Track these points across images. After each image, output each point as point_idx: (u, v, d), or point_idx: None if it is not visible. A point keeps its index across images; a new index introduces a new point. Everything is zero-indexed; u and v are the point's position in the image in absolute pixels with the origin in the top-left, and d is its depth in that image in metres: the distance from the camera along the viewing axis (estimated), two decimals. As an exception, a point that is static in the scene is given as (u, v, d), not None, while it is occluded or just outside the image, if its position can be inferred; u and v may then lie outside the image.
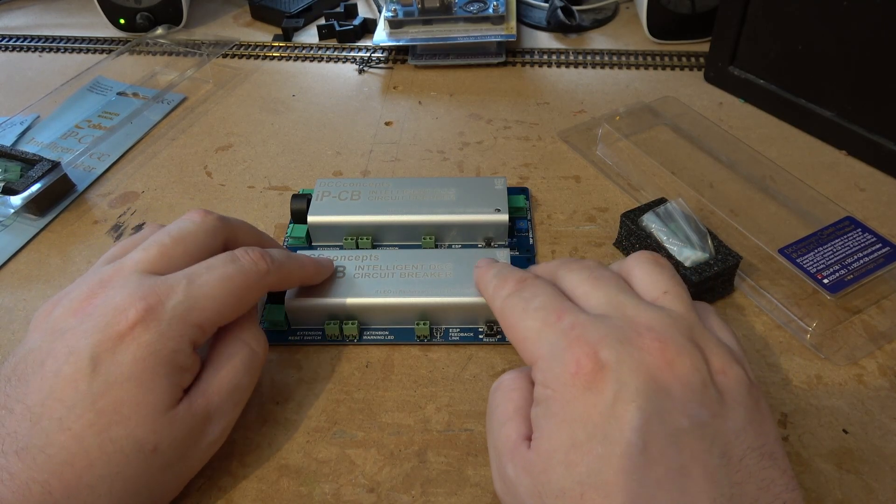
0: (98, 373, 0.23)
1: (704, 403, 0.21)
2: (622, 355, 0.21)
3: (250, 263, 0.27)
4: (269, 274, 0.27)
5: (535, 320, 0.24)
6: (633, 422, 0.20)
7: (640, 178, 0.41)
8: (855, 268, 0.33)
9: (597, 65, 0.55)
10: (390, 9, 0.55)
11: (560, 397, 0.21)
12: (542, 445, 0.21)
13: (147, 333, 0.23)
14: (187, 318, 0.24)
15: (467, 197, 0.37)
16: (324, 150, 0.46)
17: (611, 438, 0.20)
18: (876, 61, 0.39)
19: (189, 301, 0.24)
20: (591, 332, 0.22)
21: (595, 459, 0.20)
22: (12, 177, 0.40)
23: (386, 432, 0.29)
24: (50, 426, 0.22)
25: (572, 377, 0.21)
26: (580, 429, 0.20)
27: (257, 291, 0.27)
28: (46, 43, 0.60)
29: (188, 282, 0.25)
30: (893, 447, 0.27)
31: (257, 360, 0.27)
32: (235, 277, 0.26)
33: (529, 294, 0.25)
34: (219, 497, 0.27)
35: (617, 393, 0.20)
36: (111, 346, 0.23)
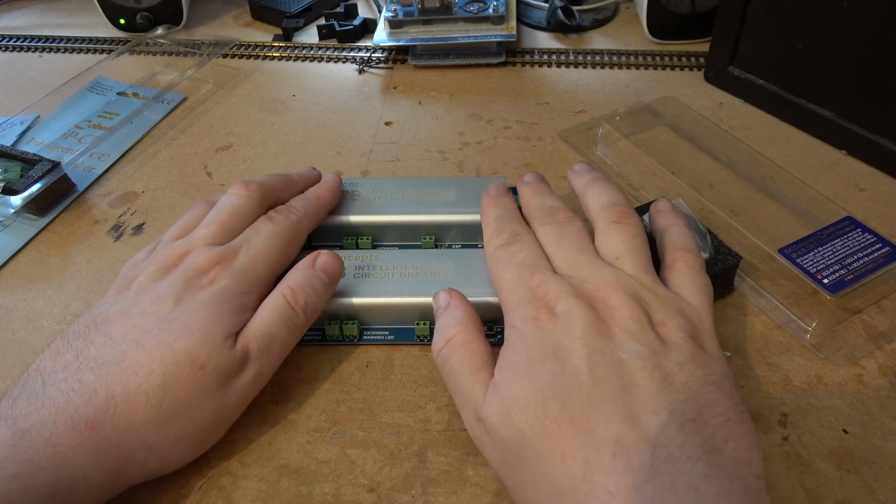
0: (179, 306, 0.27)
1: (643, 342, 0.24)
2: (572, 305, 0.25)
3: (284, 219, 0.32)
4: (301, 221, 0.32)
5: (513, 273, 0.28)
6: (578, 351, 0.24)
7: (640, 178, 0.41)
8: (855, 268, 0.33)
9: (597, 65, 0.55)
10: (390, 9, 0.55)
11: (520, 332, 0.26)
12: (504, 365, 0.25)
13: (225, 279, 0.28)
14: (252, 270, 0.29)
15: (467, 197, 0.37)
16: (324, 150, 0.46)
17: (563, 359, 0.24)
18: (876, 61, 0.39)
19: (251, 259, 0.29)
20: (552, 290, 0.26)
21: (551, 374, 0.24)
22: (12, 177, 0.40)
23: (386, 432, 0.29)
24: (127, 347, 0.25)
25: (531, 321, 0.26)
26: (537, 351, 0.25)
27: (298, 238, 0.32)
28: (46, 43, 0.60)
29: (248, 245, 0.30)
30: (893, 447, 0.27)
31: (296, 318, 0.29)
32: (277, 233, 0.31)
33: (516, 249, 0.29)
34: (219, 497, 0.27)
35: (566, 332, 0.25)
36: (193, 291, 0.27)
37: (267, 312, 0.28)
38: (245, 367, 0.27)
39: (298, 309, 0.29)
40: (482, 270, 0.32)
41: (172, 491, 0.27)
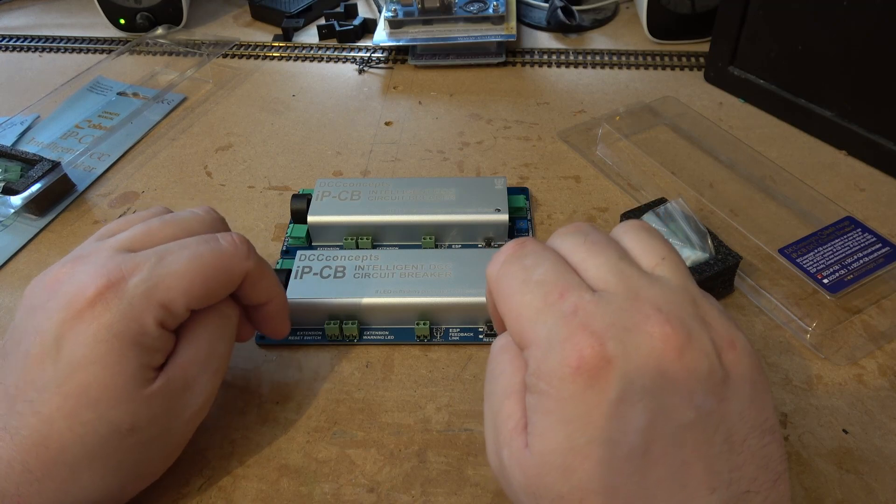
0: (62, 354, 0.22)
1: (711, 390, 0.19)
2: (629, 348, 0.19)
3: (230, 245, 0.25)
4: (248, 259, 0.25)
5: (535, 296, 0.21)
6: (637, 423, 0.18)
7: (640, 178, 0.41)
8: (855, 268, 0.33)
9: (597, 65, 0.55)
10: (390, 9, 0.55)
11: (556, 394, 0.19)
12: (537, 446, 0.20)
13: (108, 313, 0.22)
14: (151, 296, 0.23)
15: (467, 197, 0.37)
16: (324, 150, 0.46)
17: (613, 441, 0.18)
18: (876, 61, 0.39)
19: (154, 279, 0.23)
20: (597, 320, 0.19)
21: (595, 464, 0.18)
22: (12, 177, 0.40)
23: (386, 432, 0.29)
24: (23, 408, 0.22)
25: (573, 373, 0.19)
26: (579, 431, 0.19)
27: (232, 275, 0.25)
28: (46, 43, 0.60)
29: (157, 259, 0.24)
30: (893, 447, 0.27)
31: (230, 322, 0.26)
32: (208, 256, 0.24)
33: (531, 262, 0.22)
34: (219, 497, 0.27)
35: (622, 392, 0.18)
36: (72, 324, 0.22)
37: (199, 332, 0.25)
38: (188, 396, 0.24)
39: (231, 309, 0.26)
40: (482, 270, 0.32)
41: (172, 491, 0.27)
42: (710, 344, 0.20)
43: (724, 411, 0.19)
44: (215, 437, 0.29)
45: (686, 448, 0.19)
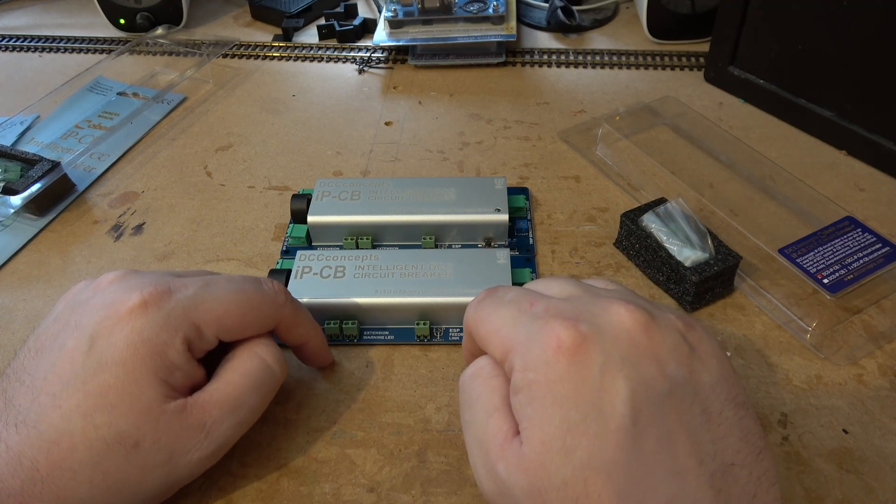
0: (93, 351, 0.23)
1: (681, 361, 0.21)
2: (601, 326, 0.21)
3: (270, 290, 0.27)
4: (284, 307, 0.27)
5: (510, 309, 0.23)
6: (622, 392, 0.20)
7: (640, 178, 0.41)
8: (855, 268, 0.33)
9: (597, 65, 0.55)
10: (390, 9, 0.55)
11: (544, 378, 0.20)
12: (534, 436, 0.20)
13: (143, 318, 0.23)
14: (188, 314, 0.24)
15: (467, 197, 0.37)
16: (324, 150, 0.46)
17: (604, 413, 0.20)
18: (876, 61, 0.39)
19: (196, 299, 0.24)
20: (566, 310, 0.22)
21: (592, 440, 0.19)
22: (12, 177, 0.40)
23: (386, 432, 0.29)
24: (45, 402, 0.22)
25: (555, 352, 0.20)
26: (572, 408, 0.20)
27: (268, 317, 0.26)
28: (46, 43, 0.60)
29: (204, 284, 0.25)
30: (893, 447, 0.27)
31: (272, 379, 0.26)
32: (250, 294, 0.26)
33: (501, 293, 0.25)
34: (219, 497, 0.27)
35: (603, 364, 0.20)
36: (110, 325, 0.23)
37: (236, 377, 0.25)
38: (202, 438, 0.24)
39: (273, 360, 0.26)
40: (482, 270, 0.32)
41: (172, 491, 0.27)
42: (672, 323, 0.22)
43: (696, 383, 0.21)
44: (215, 437, 0.29)
45: (669, 418, 0.20)
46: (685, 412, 0.20)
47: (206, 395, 0.24)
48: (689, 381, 0.21)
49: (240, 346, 0.26)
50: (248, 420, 0.26)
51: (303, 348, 0.29)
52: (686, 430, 0.20)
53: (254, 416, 0.26)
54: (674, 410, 0.20)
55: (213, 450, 0.24)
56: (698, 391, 0.21)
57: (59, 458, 0.22)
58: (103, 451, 0.22)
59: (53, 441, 0.22)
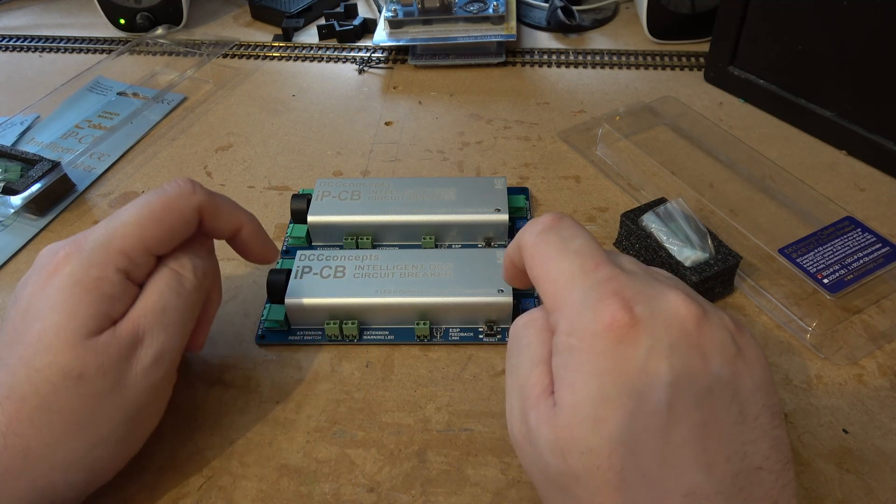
0: (29, 310, 0.24)
1: (727, 360, 0.21)
2: (656, 311, 0.21)
3: (174, 186, 0.27)
4: (195, 194, 0.27)
5: (572, 263, 0.22)
6: (663, 378, 0.20)
7: (640, 178, 0.41)
8: (855, 268, 0.33)
9: (597, 65, 0.55)
10: (390, 9, 0.55)
11: (588, 348, 0.21)
12: (565, 399, 0.21)
13: (69, 266, 0.24)
14: (108, 246, 0.25)
15: (467, 197, 0.37)
16: (324, 150, 0.46)
17: (641, 394, 0.20)
18: (876, 61, 0.39)
19: (108, 229, 0.25)
20: (627, 287, 0.21)
21: (625, 416, 0.20)
22: (12, 177, 0.40)
23: (386, 432, 0.29)
24: None
25: (605, 329, 0.20)
26: (610, 383, 0.20)
27: (184, 211, 0.26)
28: (46, 43, 0.60)
29: (111, 216, 0.26)
30: (893, 447, 0.27)
31: (185, 281, 0.27)
32: (155, 201, 0.26)
33: (569, 234, 0.23)
34: (219, 497, 0.27)
35: (650, 348, 0.20)
36: (42, 286, 0.24)
37: (152, 287, 0.26)
38: (138, 348, 0.24)
39: (187, 272, 0.27)
40: (482, 270, 0.32)
41: (172, 491, 0.27)
42: (724, 322, 0.22)
43: (738, 384, 0.20)
44: (215, 437, 0.29)
45: (705, 412, 0.20)
46: (722, 409, 0.20)
47: (131, 310, 0.25)
48: (732, 381, 0.20)
49: (157, 265, 0.27)
50: (178, 322, 0.26)
51: (241, 238, 0.29)
52: (720, 426, 0.20)
53: (184, 318, 0.26)
54: (711, 405, 0.20)
55: (152, 357, 0.25)
56: (738, 392, 0.20)
57: (13, 411, 0.22)
58: (51, 391, 0.23)
59: (4, 397, 0.23)
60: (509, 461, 0.27)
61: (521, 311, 0.33)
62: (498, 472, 0.27)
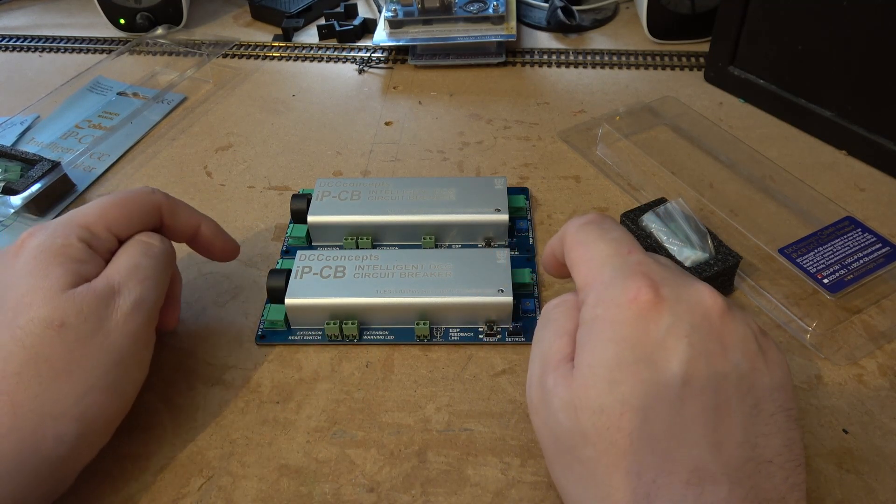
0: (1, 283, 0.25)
1: (747, 355, 0.21)
2: (681, 295, 0.22)
3: (136, 188, 0.30)
4: (156, 193, 0.30)
5: (608, 246, 0.24)
6: (681, 354, 0.20)
7: (640, 178, 0.41)
8: (855, 268, 0.33)
9: (597, 65, 0.55)
10: (390, 9, 0.55)
11: (610, 317, 0.22)
12: (584, 359, 0.22)
13: (36, 239, 0.26)
14: (71, 219, 0.27)
15: (467, 197, 0.37)
16: (324, 150, 0.46)
17: (658, 365, 0.20)
18: (876, 61, 0.39)
19: (75, 210, 0.28)
20: (656, 272, 0.22)
21: (639, 382, 0.20)
22: (12, 177, 0.40)
23: (386, 432, 0.29)
24: None
25: (629, 302, 0.21)
26: (628, 350, 0.21)
27: (145, 203, 0.29)
28: (46, 43, 0.60)
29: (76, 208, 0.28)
30: (893, 447, 0.27)
31: (153, 248, 0.28)
32: (121, 192, 0.29)
33: (608, 226, 0.25)
34: (219, 497, 0.27)
35: (671, 325, 0.21)
36: (11, 262, 0.26)
37: (122, 252, 0.28)
38: (116, 297, 0.26)
39: (155, 240, 0.29)
40: (482, 270, 0.32)
41: (172, 491, 0.27)
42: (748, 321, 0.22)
43: (755, 380, 0.21)
44: (215, 437, 0.29)
45: (719, 395, 0.20)
46: (736, 398, 0.20)
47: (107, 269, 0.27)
48: (749, 375, 0.21)
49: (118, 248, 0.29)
50: (153, 276, 0.28)
51: (200, 238, 0.32)
52: (732, 412, 0.20)
53: (157, 275, 0.28)
54: (726, 391, 0.20)
55: (133, 304, 0.26)
56: (755, 388, 0.21)
57: (5, 372, 0.23)
58: (36, 342, 0.24)
59: None
60: (509, 461, 0.27)
61: (521, 311, 0.33)
62: (498, 472, 0.27)
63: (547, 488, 0.26)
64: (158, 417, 0.29)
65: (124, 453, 0.28)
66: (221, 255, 0.33)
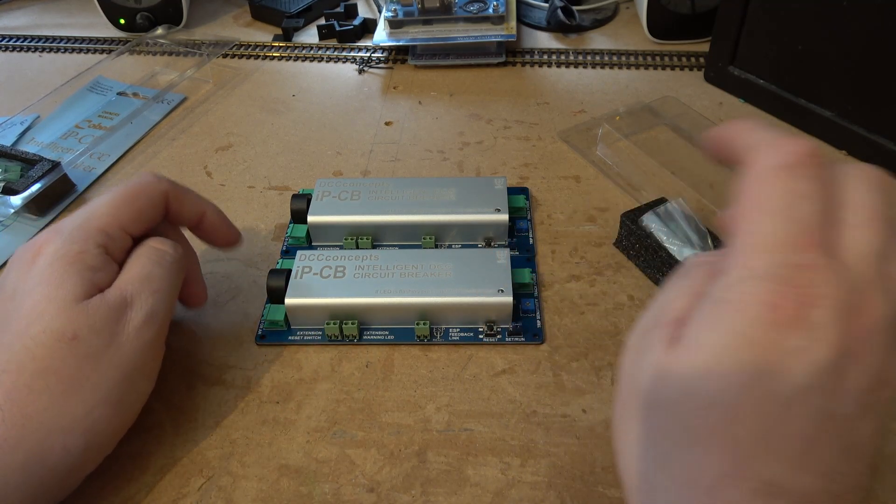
0: (17, 292, 0.25)
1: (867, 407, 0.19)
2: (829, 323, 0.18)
3: (143, 175, 0.30)
4: (162, 181, 0.30)
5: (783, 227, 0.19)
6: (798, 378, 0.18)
7: (640, 178, 0.41)
8: (855, 268, 0.33)
9: (597, 65, 0.55)
10: (390, 9, 0.55)
11: (739, 310, 0.19)
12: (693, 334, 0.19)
13: (51, 247, 0.26)
14: (85, 225, 0.27)
15: (467, 197, 0.37)
16: (324, 150, 0.46)
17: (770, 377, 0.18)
18: (876, 61, 0.39)
19: (85, 213, 0.28)
20: (820, 284, 0.19)
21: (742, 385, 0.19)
22: (12, 177, 0.40)
23: (386, 432, 0.29)
24: None
25: (765, 309, 0.18)
26: (743, 349, 0.18)
27: (153, 194, 0.29)
28: (46, 43, 0.60)
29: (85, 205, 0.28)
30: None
31: (165, 255, 0.29)
32: (125, 188, 0.29)
33: (805, 189, 0.20)
34: (219, 497, 0.27)
35: (798, 358, 0.18)
36: (25, 270, 0.26)
37: (134, 260, 0.28)
38: (128, 310, 0.26)
39: (167, 247, 0.29)
40: (482, 270, 0.32)
41: (172, 491, 0.27)
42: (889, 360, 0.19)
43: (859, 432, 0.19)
44: (215, 437, 0.29)
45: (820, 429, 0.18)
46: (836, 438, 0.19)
47: (119, 279, 0.27)
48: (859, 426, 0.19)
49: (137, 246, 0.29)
50: (165, 288, 0.28)
51: (205, 225, 0.32)
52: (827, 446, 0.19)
53: (169, 286, 0.28)
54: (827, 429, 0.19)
55: (145, 316, 0.26)
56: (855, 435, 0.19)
57: (11, 382, 0.23)
58: (47, 355, 0.24)
59: (1, 371, 0.23)
60: (509, 461, 0.27)
61: (521, 311, 0.33)
62: (498, 472, 0.27)
63: (547, 488, 0.26)
64: (158, 417, 0.29)
65: (124, 453, 0.28)
66: (225, 242, 0.33)
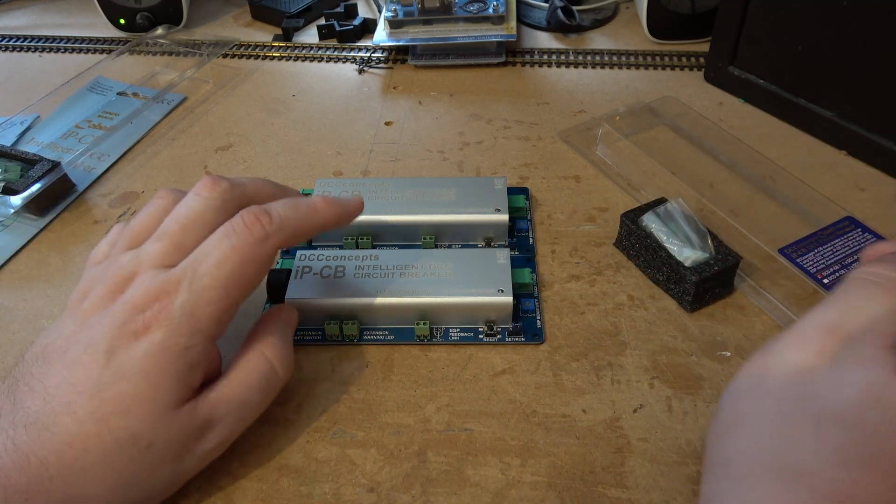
0: (110, 365, 0.23)
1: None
2: None
3: (246, 234, 0.25)
4: (269, 239, 0.26)
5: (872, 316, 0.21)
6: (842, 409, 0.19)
7: (640, 178, 0.41)
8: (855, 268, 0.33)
9: (597, 65, 0.55)
10: (390, 9, 0.55)
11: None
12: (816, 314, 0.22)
13: (159, 331, 0.24)
14: (196, 313, 0.24)
15: (467, 197, 0.37)
16: (324, 150, 0.46)
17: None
18: (876, 62, 0.39)
19: (194, 297, 0.24)
20: None
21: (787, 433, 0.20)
22: (12, 177, 0.40)
23: (386, 432, 0.29)
24: (58, 408, 0.23)
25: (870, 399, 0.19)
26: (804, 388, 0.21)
27: (260, 261, 0.26)
28: (46, 43, 0.60)
29: (192, 275, 0.25)
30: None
31: (276, 380, 0.27)
32: (232, 257, 0.25)
33: None
34: (219, 497, 0.27)
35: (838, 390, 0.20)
36: (126, 342, 0.24)
37: (242, 374, 0.26)
38: (207, 433, 0.25)
39: (280, 367, 0.27)
40: (482, 270, 0.32)
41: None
42: None
43: None
44: (215, 437, 0.29)
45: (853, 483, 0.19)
46: None
47: (214, 393, 0.25)
48: None
49: (248, 346, 0.27)
50: (251, 417, 0.27)
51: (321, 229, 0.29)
52: None
53: (256, 413, 0.27)
54: None
55: (217, 444, 0.25)
56: None
57: (71, 459, 0.22)
58: (116, 451, 0.23)
59: (66, 443, 0.22)
60: (509, 461, 0.27)
61: (521, 311, 0.33)
62: (498, 472, 0.27)
63: (547, 488, 0.26)
64: (158, 417, 0.29)
65: (124, 453, 0.28)
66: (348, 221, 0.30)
